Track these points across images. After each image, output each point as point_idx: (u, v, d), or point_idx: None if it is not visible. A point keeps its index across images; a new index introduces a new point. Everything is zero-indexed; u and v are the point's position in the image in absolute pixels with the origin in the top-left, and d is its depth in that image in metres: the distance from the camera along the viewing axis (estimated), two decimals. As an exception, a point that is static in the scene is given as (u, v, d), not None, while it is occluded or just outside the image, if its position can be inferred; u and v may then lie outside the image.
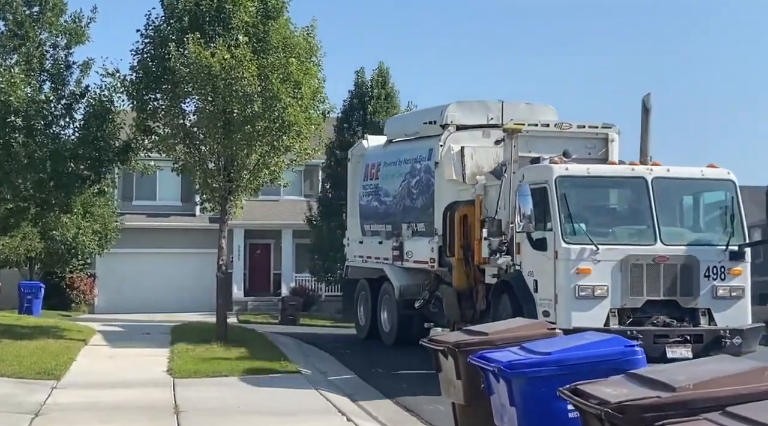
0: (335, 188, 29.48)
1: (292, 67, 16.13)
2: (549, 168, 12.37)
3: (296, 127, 16.36)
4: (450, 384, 7.55)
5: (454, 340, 7.48)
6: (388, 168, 17.55)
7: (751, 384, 4.69)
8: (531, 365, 6.16)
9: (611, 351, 6.18)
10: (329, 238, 28.75)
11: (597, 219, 12.73)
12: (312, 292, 33.55)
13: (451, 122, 15.50)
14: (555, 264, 11.93)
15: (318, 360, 15.79)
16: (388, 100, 29.79)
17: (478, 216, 14.16)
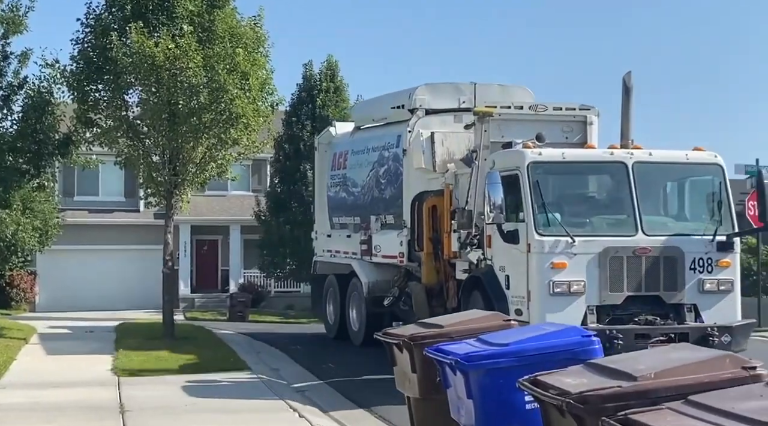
0: (284, 183, 29.17)
1: (239, 57, 15.85)
2: (520, 153, 11.40)
3: (244, 120, 16.08)
4: (405, 378, 7.41)
5: (409, 333, 7.34)
6: (355, 157, 16.60)
7: (713, 372, 4.63)
8: (488, 357, 6.05)
9: (568, 341, 6.10)
10: (278, 233, 28.45)
11: (573, 208, 11.83)
12: (261, 288, 33.19)
13: (419, 106, 14.59)
14: (528, 258, 11.01)
15: (269, 357, 15.56)
16: (337, 94, 29.56)
17: (448, 207, 13.25)
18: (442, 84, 15.11)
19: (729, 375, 4.55)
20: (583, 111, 13.17)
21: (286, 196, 28.84)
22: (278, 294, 33.53)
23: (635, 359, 5.00)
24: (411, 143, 14.38)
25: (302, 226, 28.15)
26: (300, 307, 32.27)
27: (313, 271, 18.85)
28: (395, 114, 15.24)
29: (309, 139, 28.86)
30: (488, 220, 11.38)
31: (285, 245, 28.43)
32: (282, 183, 29.35)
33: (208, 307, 31.94)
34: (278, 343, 17.47)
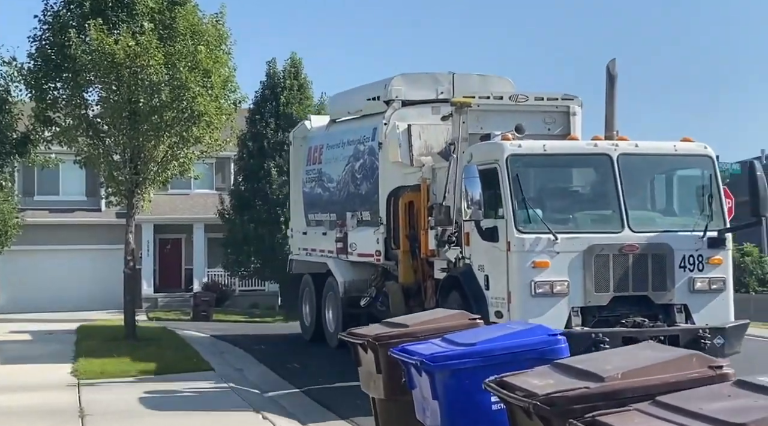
0: (248, 181, 28.95)
1: (200, 54, 15.65)
2: (499, 145, 10.77)
3: (206, 118, 15.90)
4: (370, 378, 7.32)
5: (374, 333, 7.25)
6: (331, 151, 15.95)
7: (679, 372, 4.60)
8: (454, 357, 5.98)
9: (535, 340, 6.05)
10: (243, 231, 28.24)
11: (555, 204, 11.16)
12: (225, 287, 32.92)
13: (396, 97, 13.92)
14: (508, 257, 10.34)
15: (233, 357, 15.39)
16: (301, 91, 29.40)
17: (425, 202, 12.59)
18: (419, 74, 14.44)
19: (696, 375, 4.53)
20: (566, 101, 12.58)
21: (251, 194, 28.63)
22: (243, 293, 33.30)
23: (602, 359, 4.96)
24: (387, 136, 13.76)
25: (267, 225, 28.01)
26: (265, 305, 32.08)
27: (288, 270, 18.27)
28: (371, 106, 14.64)
29: (273, 136, 28.69)
30: (465, 217, 10.68)
31: (249, 243, 28.22)
32: (246, 181, 29.13)
33: (171, 307, 31.62)
34: (243, 344, 17.30)
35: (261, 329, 22.36)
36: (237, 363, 14.55)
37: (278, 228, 27.72)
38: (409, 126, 13.45)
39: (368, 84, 15.15)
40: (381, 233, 13.81)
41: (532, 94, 12.46)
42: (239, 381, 12.32)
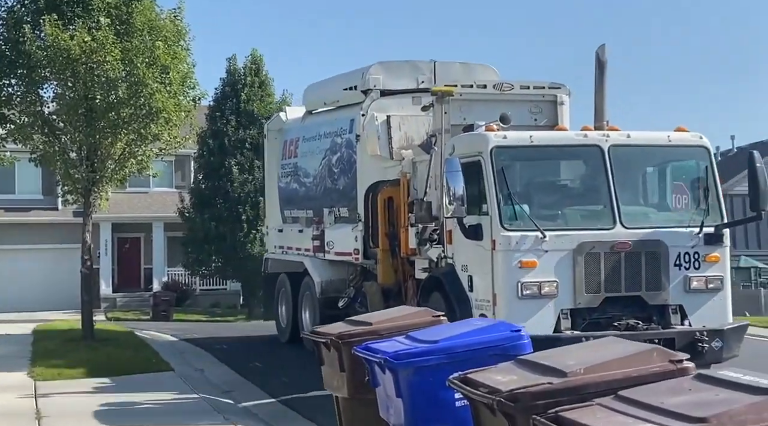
0: (208, 179, 28.73)
1: (158, 50, 15.44)
2: (483, 137, 10.12)
3: (165, 114, 15.68)
4: (333, 377, 7.27)
5: (337, 331, 7.20)
6: (307, 144, 15.20)
7: (641, 366, 4.62)
8: (417, 355, 5.96)
9: (498, 337, 6.05)
10: (203, 230, 28.01)
11: (543, 199, 10.57)
12: (186, 286, 32.66)
13: (374, 87, 13.12)
14: (492, 256, 9.71)
15: (194, 357, 15.23)
16: (262, 88, 29.24)
17: (405, 198, 11.94)
18: (398, 62, 13.71)
19: (657, 369, 4.55)
20: (553, 90, 11.95)
21: (211, 192, 28.42)
22: (203, 292, 33.06)
23: (565, 354, 4.96)
24: (365, 128, 13.00)
25: (228, 223, 27.82)
26: (226, 304, 31.87)
27: (263, 270, 17.46)
28: (348, 96, 13.83)
29: (234, 134, 28.50)
30: (447, 214, 10.02)
31: (210, 242, 28.02)
32: (206, 179, 28.91)
33: (130, 307, 31.28)
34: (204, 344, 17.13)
35: (224, 329, 22.19)
36: (198, 363, 14.40)
37: (240, 226, 27.56)
38: (388, 117, 12.87)
39: (345, 73, 14.32)
40: (359, 231, 13.07)
41: (518, 82, 11.85)
42: (199, 381, 12.20)
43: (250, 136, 28.35)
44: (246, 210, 27.65)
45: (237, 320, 27.91)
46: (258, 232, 27.45)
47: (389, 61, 13.62)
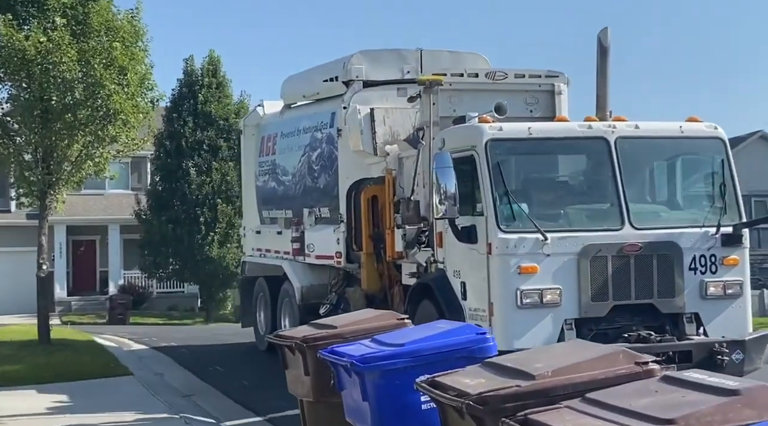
0: (166, 180, 28.47)
1: (116, 51, 15.28)
2: (476, 129, 9.22)
3: (122, 116, 15.52)
4: (297, 381, 7.25)
5: (301, 334, 7.18)
6: (285, 140, 14.15)
7: (607, 368, 4.68)
8: (384, 358, 5.96)
9: (463, 339, 6.07)
10: (160, 232, 27.73)
11: (544, 197, 9.67)
12: (142, 289, 32.31)
13: (356, 77, 12.19)
14: (488, 261, 8.82)
15: (153, 361, 15.07)
16: (219, 89, 29.05)
17: (390, 197, 11.08)
18: (382, 51, 12.74)
19: (624, 370, 4.61)
20: (551, 79, 11.08)
21: (168, 194, 28.15)
22: (161, 295, 32.75)
23: (532, 357, 5.00)
24: (347, 121, 11.99)
25: (185, 225, 27.59)
26: (184, 307, 31.62)
27: (241, 273, 16.53)
28: (328, 88, 12.89)
29: (191, 135, 28.26)
30: (438, 214, 9.11)
31: (167, 245, 27.75)
32: (163, 181, 28.64)
33: (86, 310, 30.87)
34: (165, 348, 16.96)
35: (183, 332, 21.99)
36: (157, 367, 14.25)
37: (197, 228, 27.36)
38: (372, 110, 11.85)
39: (325, 63, 13.27)
40: (341, 232, 12.12)
41: (512, 70, 10.94)
42: (158, 385, 12.07)
43: (208, 137, 28.16)
44: (204, 212, 27.45)
45: (195, 323, 27.70)
46: (216, 234, 27.27)
47: (372, 50, 12.74)
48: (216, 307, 29.96)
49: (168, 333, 21.29)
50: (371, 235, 11.56)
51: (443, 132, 9.90)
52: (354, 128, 11.83)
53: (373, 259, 11.54)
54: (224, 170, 27.89)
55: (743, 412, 3.72)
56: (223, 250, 27.34)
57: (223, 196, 27.70)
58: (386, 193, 11.25)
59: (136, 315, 28.08)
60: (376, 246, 11.50)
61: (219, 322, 27.77)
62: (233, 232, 27.54)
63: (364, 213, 11.61)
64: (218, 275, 28.05)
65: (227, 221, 27.52)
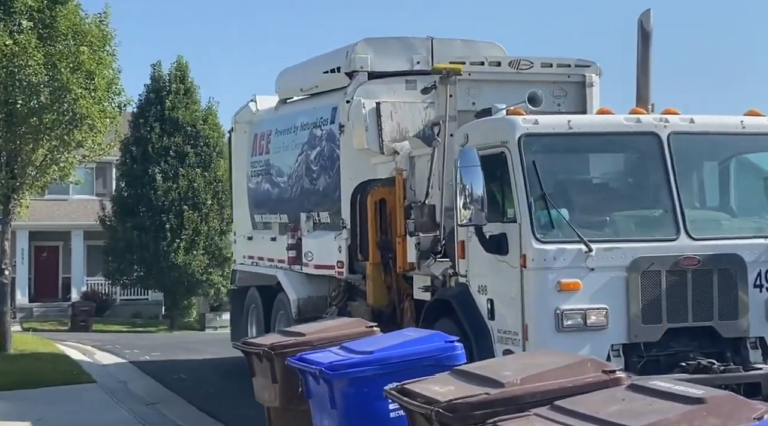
0: (131, 186, 28.22)
1: (83, 55, 15.16)
2: (508, 122, 8.04)
3: (89, 121, 15.39)
4: (265, 388, 7.22)
5: (269, 342, 7.15)
6: (281, 138, 13.00)
7: (576, 376, 4.72)
8: (353, 365, 5.96)
9: (432, 347, 6.08)
10: (125, 238, 27.47)
11: (586, 201, 8.37)
12: (106, 296, 31.97)
13: (360, 68, 11.08)
14: (522, 275, 7.65)
15: (116, 369, 14.92)
16: (187, 96, 28.89)
17: (401, 201, 9.99)
18: (389, 39, 11.59)
19: (591, 379, 4.65)
20: (581, 68, 9.85)
21: (134, 200, 27.92)
22: (124, 302, 32.44)
23: (501, 365, 5.05)
24: (350, 117, 10.92)
25: (151, 232, 27.37)
26: (148, 315, 31.34)
27: (231, 283, 15.26)
28: (329, 80, 11.81)
29: (158, 141, 28.08)
30: (462, 220, 7.99)
31: (132, 251, 27.50)
32: (129, 187, 28.39)
33: (48, 317, 30.49)
34: (125, 354, 16.78)
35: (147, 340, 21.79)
36: (121, 374, 14.11)
37: (163, 235, 27.16)
38: (378, 104, 10.82)
39: (326, 53, 12.16)
40: (344, 239, 10.99)
41: (538, 59, 9.74)
42: (122, 393, 11.97)
43: (175, 143, 28.00)
44: (170, 219, 27.26)
45: (159, 331, 27.48)
46: (182, 241, 27.08)
47: (378, 38, 11.54)
48: (180, 315, 29.74)
49: (132, 340, 21.10)
50: (379, 243, 10.32)
51: (466, 126, 8.72)
52: (358, 124, 10.75)
53: (381, 270, 10.31)
54: (191, 177, 27.73)
55: (708, 420, 3.78)
56: (188, 257, 27.17)
57: (189, 203, 27.53)
58: (396, 196, 10.09)
59: (99, 322, 27.79)
60: (384, 255, 10.29)
61: (183, 330, 27.58)
62: (199, 239, 27.38)
63: (370, 218, 10.33)
64: (183, 282, 27.86)
65: (193, 228, 27.35)
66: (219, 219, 27.83)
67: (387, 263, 10.23)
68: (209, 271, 27.74)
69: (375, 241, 10.29)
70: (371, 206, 10.34)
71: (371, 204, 10.34)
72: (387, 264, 10.24)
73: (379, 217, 10.36)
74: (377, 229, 10.33)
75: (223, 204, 28.05)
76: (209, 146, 28.41)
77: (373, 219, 10.34)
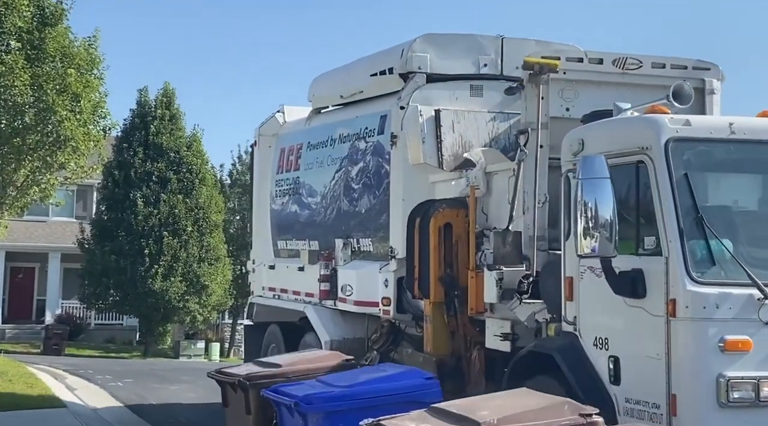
0: (112, 210, 28.05)
1: (70, 78, 15.16)
2: (651, 122, 6.30)
3: (73, 143, 15.36)
4: (238, 419, 7.16)
5: (245, 372, 7.11)
6: (313, 152, 11.40)
7: (552, 419, 4.74)
8: (329, 399, 5.94)
9: (409, 384, 6.09)
10: (102, 262, 27.24)
11: (757, 230, 6.46)
12: (80, 319, 31.62)
13: (419, 68, 9.48)
14: (669, 328, 5.84)
15: (86, 393, 14.72)
16: (172, 122, 28.87)
17: (473, 226, 8.29)
18: (453, 35, 9.96)
19: (567, 422, 4.68)
20: (700, 71, 8.11)
21: (114, 224, 27.72)
22: (99, 326, 32.09)
23: (479, 404, 5.04)
24: (405, 126, 9.33)
25: (129, 257, 27.15)
26: (122, 340, 31.00)
27: (248, 317, 13.24)
28: (377, 84, 10.19)
29: (140, 166, 27.99)
30: (583, 250, 6.05)
31: (109, 275, 27.25)
32: (109, 210, 28.21)
33: (20, 339, 30.06)
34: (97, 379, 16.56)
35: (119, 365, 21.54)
36: (90, 399, 13.92)
37: (141, 260, 26.95)
38: (437, 112, 9.27)
39: (373, 54, 10.56)
40: (391, 271, 9.27)
41: (648, 57, 8.06)
42: (92, 419, 11.81)
43: (158, 168, 27.92)
44: (149, 244, 27.08)
45: (133, 357, 27.18)
46: (160, 267, 26.89)
47: (441, 34, 9.93)
48: (155, 341, 29.44)
49: (105, 366, 20.84)
50: (442, 278, 8.52)
51: (579, 130, 6.96)
52: (414, 134, 9.19)
53: (443, 311, 8.49)
54: (172, 203, 27.62)
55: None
56: (166, 283, 26.97)
57: (169, 229, 27.39)
58: (470, 220, 8.36)
59: (72, 346, 27.46)
60: (448, 293, 8.51)
61: (157, 357, 27.30)
62: (177, 265, 27.20)
63: (433, 247, 8.52)
64: (159, 309, 27.61)
65: (172, 254, 27.19)
66: (198, 246, 27.71)
67: (450, 303, 8.47)
68: (186, 298, 27.53)
69: (437, 275, 8.51)
70: (434, 232, 8.54)
71: (434, 229, 8.54)
72: (450, 304, 8.47)
73: (442, 245, 8.60)
74: (440, 260, 8.55)
75: (203, 231, 27.93)
76: (192, 173, 28.35)
77: (436, 248, 8.55)
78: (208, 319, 30.05)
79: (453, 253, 8.51)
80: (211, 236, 28.18)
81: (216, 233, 28.49)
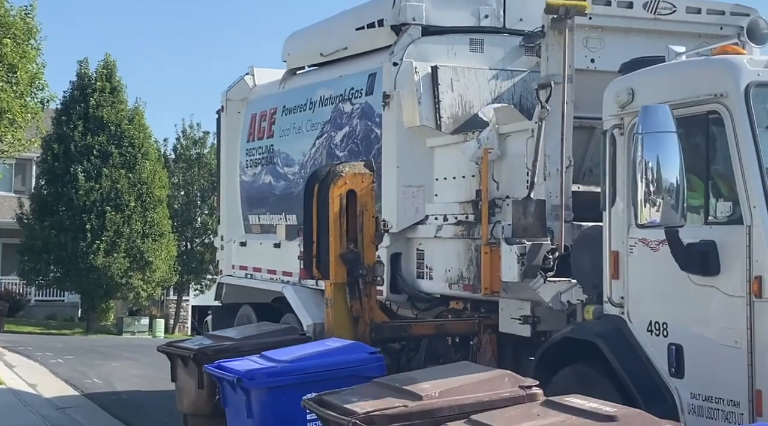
0: (51, 184, 27.46)
1: (6, 48, 14.78)
2: (727, 64, 5.30)
3: (9, 115, 15.00)
4: (185, 394, 7.08)
5: (196, 346, 7.01)
6: (289, 117, 10.39)
7: (493, 391, 4.79)
8: (270, 374, 5.91)
9: (353, 358, 6.08)
10: (42, 238, 26.70)
11: None
12: (20, 296, 31.01)
13: (413, 20, 8.40)
14: (753, 311, 4.93)
15: (26, 370, 14.48)
16: (113, 95, 28.29)
17: (485, 195, 7.27)
18: None
19: (507, 394, 4.73)
20: (739, 17, 7.23)
21: (54, 199, 27.15)
22: (39, 303, 31.52)
23: (420, 378, 5.07)
24: (398, 84, 8.28)
25: (70, 232, 26.64)
26: (63, 317, 30.52)
27: (217, 298, 12.08)
28: (365, 39, 9.08)
29: (80, 139, 27.41)
30: (644, 219, 5.03)
31: (49, 251, 26.73)
32: (49, 185, 27.61)
33: (-43, 317, 29.40)
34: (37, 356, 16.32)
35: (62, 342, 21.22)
36: (31, 377, 13.70)
37: (83, 236, 26.48)
38: (435, 68, 8.20)
39: (358, 6, 9.43)
40: (385, 248, 8.20)
41: (681, 0, 7.27)
42: (31, 396, 11.63)
43: (98, 142, 27.37)
44: (90, 219, 26.60)
45: (74, 334, 26.79)
46: (102, 242, 26.45)
47: None
48: (97, 318, 29.04)
49: (45, 342, 20.51)
50: (343, 255, 7.72)
51: (627, 78, 5.88)
52: (409, 94, 8.15)
53: (345, 294, 7.73)
54: (114, 177, 27.14)
55: (619, 436, 3.86)
56: (108, 259, 26.55)
57: (112, 204, 26.92)
58: (483, 187, 7.33)
59: (11, 323, 26.92)
60: (351, 272, 7.77)
61: (100, 334, 26.96)
62: (120, 241, 26.79)
63: (333, 219, 7.76)
64: (102, 285, 27.20)
65: (115, 230, 26.76)
66: (142, 221, 27.30)
67: (354, 284, 7.71)
68: (129, 274, 27.15)
69: (337, 251, 7.68)
70: (334, 201, 7.69)
71: (335, 198, 7.68)
72: (354, 285, 7.70)
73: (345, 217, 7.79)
74: (341, 235, 7.74)
75: (147, 206, 27.50)
76: (134, 147, 27.85)
77: (336, 220, 7.70)
78: (153, 295, 29.68)
79: (357, 226, 7.58)
80: (155, 211, 27.76)
81: (160, 208, 28.08)
